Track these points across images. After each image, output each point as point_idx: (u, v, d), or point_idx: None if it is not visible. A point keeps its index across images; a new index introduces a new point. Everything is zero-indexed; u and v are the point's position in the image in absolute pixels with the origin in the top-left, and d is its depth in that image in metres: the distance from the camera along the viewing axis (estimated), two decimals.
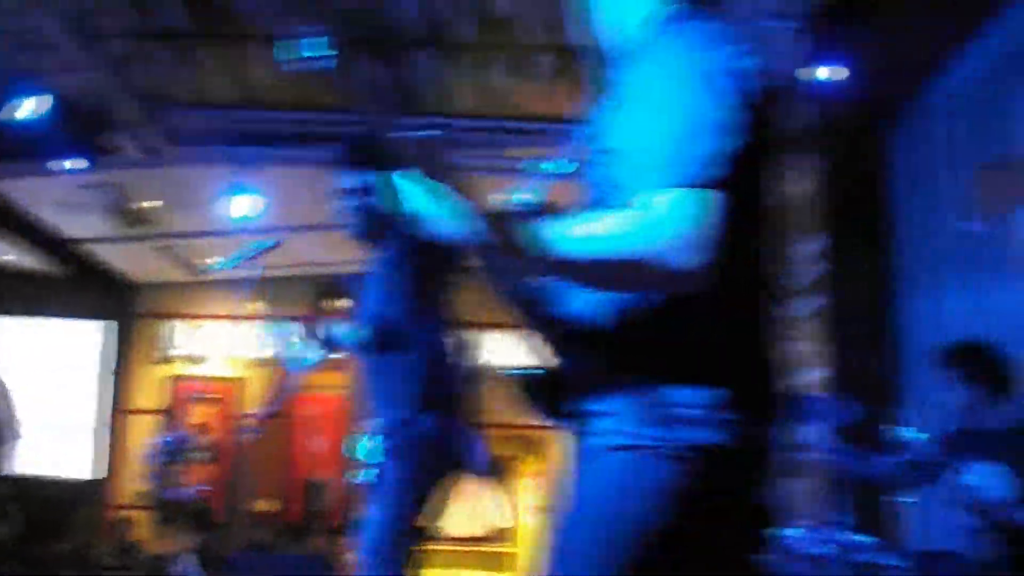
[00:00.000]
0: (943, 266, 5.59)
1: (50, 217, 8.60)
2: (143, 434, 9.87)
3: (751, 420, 1.55)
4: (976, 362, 4.20)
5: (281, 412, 9.38)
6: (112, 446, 10.34)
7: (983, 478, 3.86)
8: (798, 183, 6.55)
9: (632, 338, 1.60)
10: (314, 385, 8.84)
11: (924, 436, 4.18)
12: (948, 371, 4.22)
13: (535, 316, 1.74)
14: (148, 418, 10.12)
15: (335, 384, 8.31)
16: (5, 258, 9.59)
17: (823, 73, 5.29)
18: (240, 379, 10.48)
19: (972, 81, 5.32)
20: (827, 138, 6.18)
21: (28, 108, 5.73)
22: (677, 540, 1.53)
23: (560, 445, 5.03)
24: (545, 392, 1.72)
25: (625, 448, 1.54)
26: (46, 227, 8.85)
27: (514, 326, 1.79)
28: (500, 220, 1.48)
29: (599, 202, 1.59)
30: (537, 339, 1.76)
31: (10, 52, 5.66)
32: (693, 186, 1.42)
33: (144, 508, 9.18)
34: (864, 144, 6.21)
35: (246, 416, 9.63)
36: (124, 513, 9.56)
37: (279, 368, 5.81)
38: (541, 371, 1.73)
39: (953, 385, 4.18)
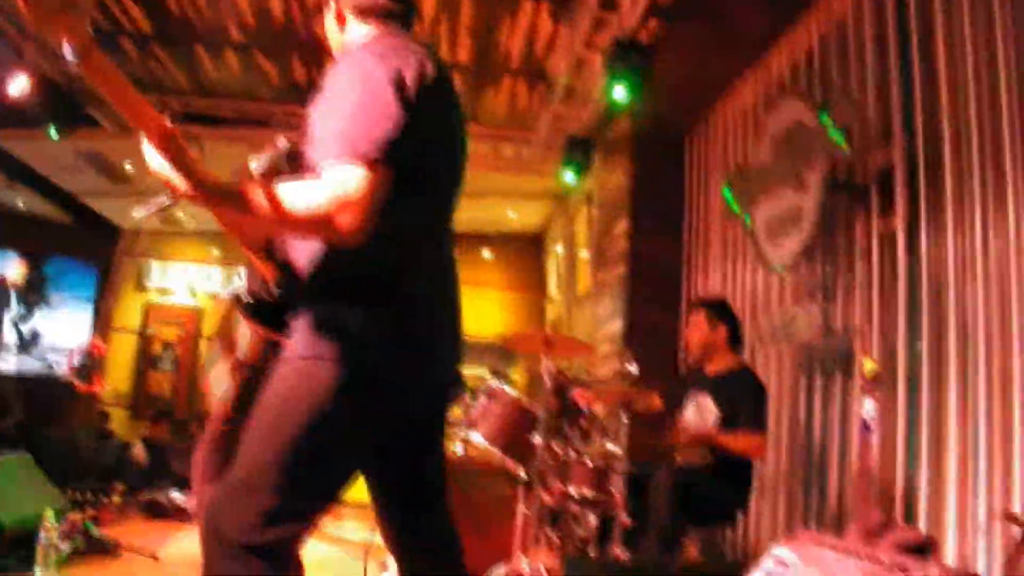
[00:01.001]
0: (712, 249, 6.76)
1: (56, 175, 10.33)
2: (124, 347, 11.86)
3: (399, 338, 1.90)
4: (719, 309, 4.91)
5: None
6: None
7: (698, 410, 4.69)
8: (616, 177, 7.88)
9: (316, 274, 1.95)
10: None
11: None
12: (698, 313, 4.90)
13: (263, 254, 2.05)
14: (128, 335, 12.03)
15: None
16: (21, 206, 11.20)
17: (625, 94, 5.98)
18: (200, 308, 12.25)
19: (745, 103, 6.34)
20: (639, 145, 7.46)
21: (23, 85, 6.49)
22: (333, 424, 1.85)
23: None
24: (263, 313, 2.04)
25: (298, 359, 1.89)
26: (53, 183, 10.56)
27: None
28: (222, 183, 1.79)
29: (308, 172, 1.86)
30: (262, 270, 2.08)
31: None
32: (359, 162, 1.75)
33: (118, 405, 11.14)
34: (667, 150, 7.38)
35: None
36: (103, 408, 11.27)
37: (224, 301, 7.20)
38: (261, 296, 2.05)
39: (701, 324, 4.82)
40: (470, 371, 4.69)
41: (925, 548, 3.15)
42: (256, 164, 2.01)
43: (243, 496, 1.81)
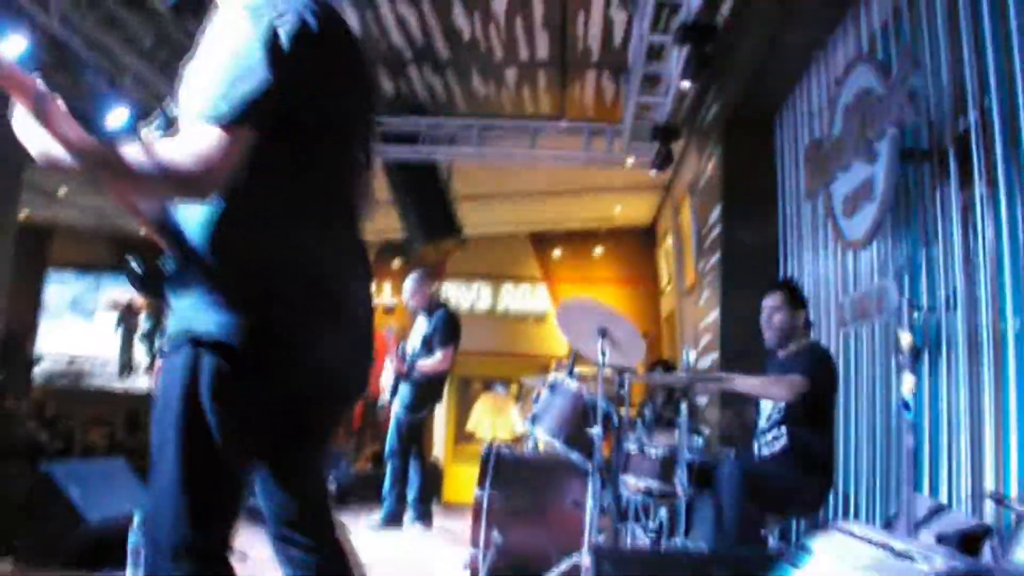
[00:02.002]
0: (802, 230, 6.49)
1: None
2: None
3: (283, 316, 1.78)
4: (797, 292, 4.82)
5: None
6: None
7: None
8: (708, 165, 7.73)
9: (188, 244, 1.83)
10: None
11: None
12: (777, 296, 4.76)
13: (156, 226, 1.90)
14: None
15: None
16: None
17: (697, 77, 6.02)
18: None
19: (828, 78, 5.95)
20: (727, 130, 7.28)
21: None
22: (213, 419, 1.76)
23: None
24: (150, 281, 1.90)
25: (174, 348, 1.80)
26: None
27: None
28: (91, 146, 1.68)
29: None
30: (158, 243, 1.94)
31: None
32: (215, 122, 1.67)
33: None
34: (755, 133, 7.11)
35: None
36: None
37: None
38: (146, 264, 1.90)
39: (781, 307, 4.70)
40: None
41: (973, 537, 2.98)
42: (145, 128, 1.95)
43: (160, 500, 1.79)
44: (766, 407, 4.56)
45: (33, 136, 1.69)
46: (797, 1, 5.55)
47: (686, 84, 6.16)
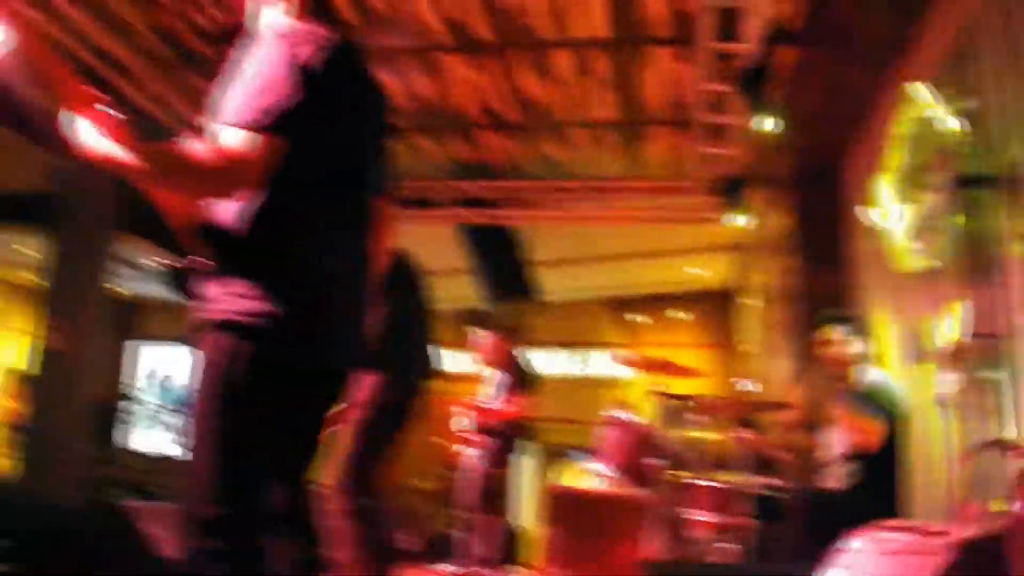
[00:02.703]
0: (874, 273, 6.33)
1: None
2: None
3: (295, 306, 1.96)
4: (852, 323, 4.91)
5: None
6: None
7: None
8: (775, 215, 7.70)
9: (220, 240, 2.04)
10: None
11: None
12: (830, 330, 4.86)
13: (187, 229, 2.12)
14: None
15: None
16: None
17: (760, 124, 6.18)
18: None
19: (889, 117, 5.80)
20: (793, 178, 7.30)
21: None
22: (243, 388, 1.93)
23: None
24: (181, 280, 2.10)
25: (203, 328, 2.00)
26: None
27: None
28: (135, 147, 1.86)
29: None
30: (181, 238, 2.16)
31: None
32: (246, 128, 1.88)
33: None
34: (822, 178, 7.06)
35: None
36: None
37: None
38: (179, 265, 2.12)
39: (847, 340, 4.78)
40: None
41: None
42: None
43: (191, 477, 1.94)
44: (838, 441, 4.50)
45: (94, 142, 1.89)
46: (856, 43, 5.58)
47: (749, 129, 6.20)
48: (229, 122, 1.92)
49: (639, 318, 12.53)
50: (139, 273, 11.27)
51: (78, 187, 7.89)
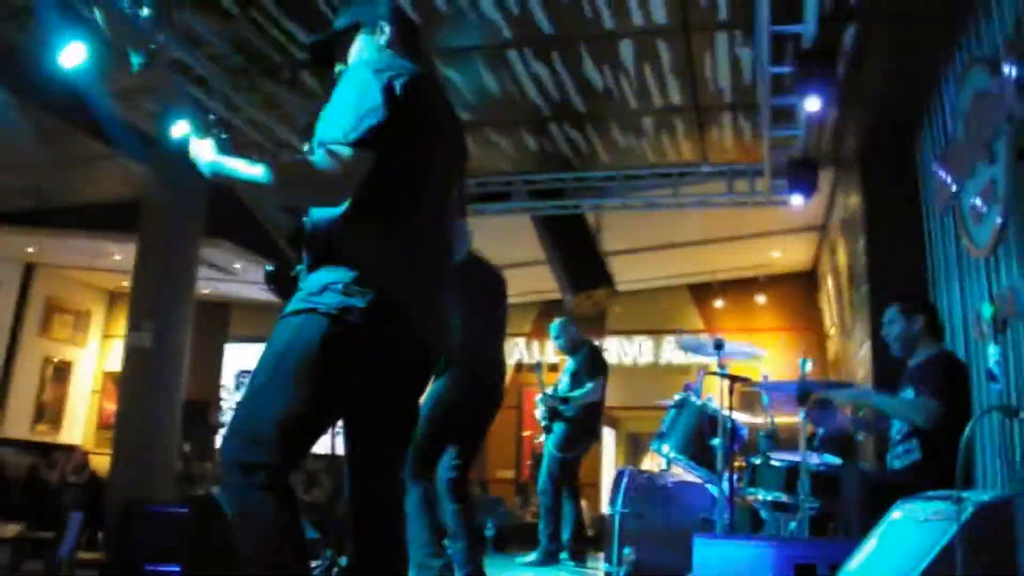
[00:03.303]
0: (944, 251, 6.23)
1: None
2: None
3: (380, 298, 2.19)
4: (912, 300, 4.81)
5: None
6: None
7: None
8: (852, 196, 7.63)
9: (316, 240, 2.33)
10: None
11: None
12: (895, 306, 4.72)
13: (281, 226, 2.44)
14: None
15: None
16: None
17: (820, 106, 6.15)
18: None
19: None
20: (865, 158, 7.21)
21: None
22: (310, 367, 2.16)
23: None
24: (280, 280, 2.41)
25: (297, 312, 2.23)
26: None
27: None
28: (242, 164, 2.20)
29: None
30: (282, 241, 2.46)
31: None
32: (342, 144, 2.16)
33: None
34: (895, 157, 6.97)
35: None
36: None
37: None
38: (276, 265, 2.44)
39: (896, 318, 4.67)
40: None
41: None
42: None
43: (242, 423, 2.20)
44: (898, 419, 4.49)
45: (215, 163, 2.26)
46: (915, 21, 5.53)
47: (813, 110, 6.17)
48: (336, 139, 2.18)
49: (719, 303, 12.50)
50: (226, 275, 11.67)
51: (164, 194, 8.22)
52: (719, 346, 4.49)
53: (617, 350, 13.07)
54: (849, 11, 6.12)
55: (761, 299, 12.17)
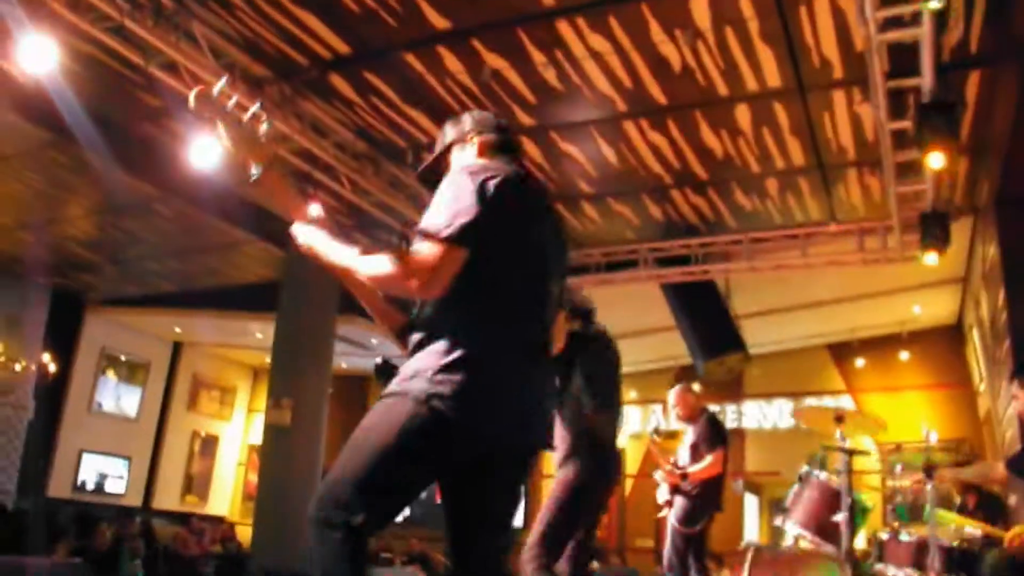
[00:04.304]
0: None
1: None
2: None
3: (466, 390, 2.27)
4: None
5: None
6: None
7: None
8: (989, 248, 7.34)
9: (417, 328, 2.44)
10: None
11: None
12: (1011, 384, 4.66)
13: (383, 317, 2.64)
14: None
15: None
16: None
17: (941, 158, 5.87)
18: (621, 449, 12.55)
19: None
20: (1000, 207, 6.94)
21: None
22: (400, 445, 2.27)
23: None
24: (389, 373, 2.46)
25: (390, 395, 2.35)
26: None
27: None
28: (337, 250, 2.43)
29: None
30: (385, 331, 2.64)
31: None
32: (434, 241, 2.29)
33: None
34: None
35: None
36: None
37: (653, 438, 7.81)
38: (385, 359, 2.56)
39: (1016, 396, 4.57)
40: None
41: None
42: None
43: (327, 486, 2.32)
44: None
45: (316, 247, 2.51)
46: None
47: (936, 165, 6.02)
48: (423, 233, 2.32)
49: (860, 362, 12.11)
50: (363, 349, 12.00)
51: (301, 274, 8.57)
52: (840, 419, 4.34)
53: (756, 414, 12.79)
54: (971, 58, 5.97)
55: (905, 356, 11.73)
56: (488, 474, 2.44)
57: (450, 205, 2.36)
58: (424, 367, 2.32)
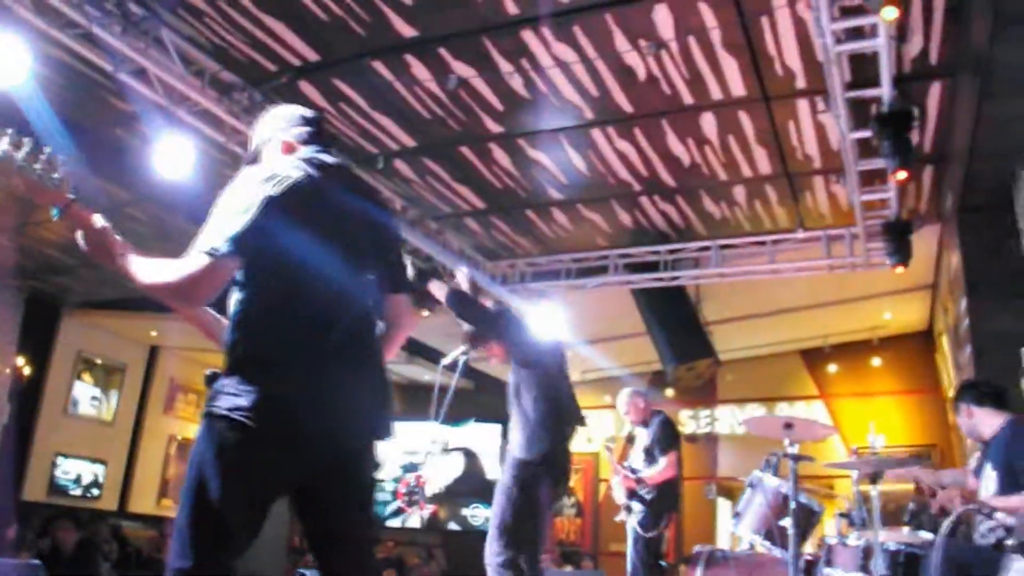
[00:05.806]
0: None
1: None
2: None
3: (265, 394, 2.22)
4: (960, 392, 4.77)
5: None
6: None
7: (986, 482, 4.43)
8: (951, 255, 7.44)
9: (226, 348, 2.36)
10: None
11: None
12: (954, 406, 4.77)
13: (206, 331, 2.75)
14: None
15: None
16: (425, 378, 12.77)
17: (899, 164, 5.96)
18: (596, 453, 12.84)
19: None
20: (961, 215, 7.04)
21: None
22: (224, 466, 2.21)
23: None
24: (213, 382, 2.35)
25: (205, 415, 2.30)
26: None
27: None
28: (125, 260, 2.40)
29: None
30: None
31: None
32: (202, 250, 2.26)
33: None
34: (991, 215, 6.84)
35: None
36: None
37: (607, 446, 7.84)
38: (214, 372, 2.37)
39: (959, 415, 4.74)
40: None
41: None
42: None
43: (175, 532, 2.25)
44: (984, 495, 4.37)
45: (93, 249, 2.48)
46: (996, 71, 5.45)
47: (894, 175, 6.12)
48: (199, 246, 2.28)
49: (833, 367, 12.22)
50: None
51: None
52: (788, 426, 4.40)
53: (729, 419, 12.88)
54: (932, 69, 6.07)
55: (876, 362, 11.84)
56: (322, 483, 2.39)
57: (222, 214, 2.33)
58: (225, 383, 2.28)
